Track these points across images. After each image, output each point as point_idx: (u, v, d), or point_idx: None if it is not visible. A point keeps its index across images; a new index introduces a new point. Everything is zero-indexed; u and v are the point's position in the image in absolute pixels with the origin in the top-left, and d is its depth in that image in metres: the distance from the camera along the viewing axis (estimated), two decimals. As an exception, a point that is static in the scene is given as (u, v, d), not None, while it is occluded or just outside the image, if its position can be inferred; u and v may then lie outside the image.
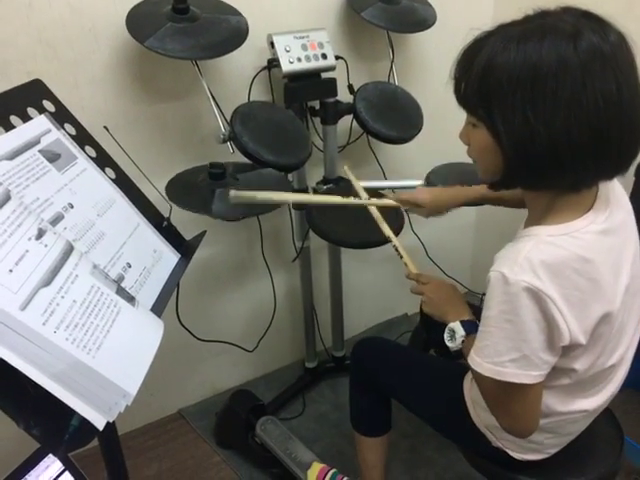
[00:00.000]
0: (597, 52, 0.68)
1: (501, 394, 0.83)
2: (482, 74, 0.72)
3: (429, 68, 1.78)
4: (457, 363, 1.07)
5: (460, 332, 0.90)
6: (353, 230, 1.33)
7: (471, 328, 0.90)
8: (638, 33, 0.73)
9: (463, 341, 0.90)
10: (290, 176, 1.50)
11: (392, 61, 1.62)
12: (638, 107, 0.72)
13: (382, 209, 1.21)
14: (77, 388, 0.63)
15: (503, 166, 0.76)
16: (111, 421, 0.66)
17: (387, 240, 1.16)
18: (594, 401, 0.92)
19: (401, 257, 1.12)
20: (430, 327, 1.25)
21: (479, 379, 0.85)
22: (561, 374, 0.85)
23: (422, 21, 1.55)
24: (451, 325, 0.93)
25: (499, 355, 0.78)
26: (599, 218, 0.79)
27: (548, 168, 0.73)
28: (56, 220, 0.79)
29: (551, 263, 0.74)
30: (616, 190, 0.86)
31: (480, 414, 1.01)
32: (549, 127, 0.69)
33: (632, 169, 1.30)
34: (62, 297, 0.67)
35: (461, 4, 1.74)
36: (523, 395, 0.81)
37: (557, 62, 0.68)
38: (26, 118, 0.84)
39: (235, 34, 1.27)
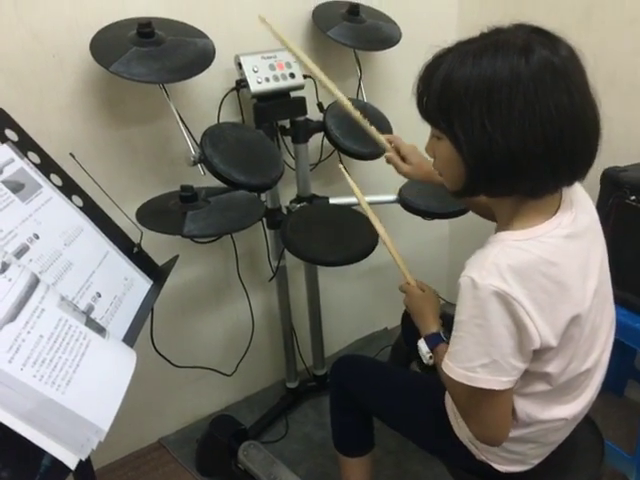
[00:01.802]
0: (548, 64, 0.71)
1: (471, 400, 0.84)
2: (441, 88, 0.75)
3: (396, 84, 1.80)
4: (438, 376, 1.07)
5: (424, 349, 0.95)
6: (328, 248, 1.33)
7: (435, 340, 0.94)
8: (595, 44, 0.76)
9: (431, 356, 0.93)
10: (263, 196, 1.50)
11: (360, 78, 1.64)
12: (591, 117, 0.75)
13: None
14: (47, 427, 0.61)
15: (465, 175, 0.79)
16: (84, 459, 0.63)
17: (384, 244, 1.14)
18: (573, 407, 0.92)
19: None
20: (409, 338, 1.25)
21: (450, 385, 0.86)
22: (536, 380, 0.85)
23: (388, 39, 1.58)
24: (418, 343, 0.97)
25: (470, 360, 0.79)
26: (564, 222, 0.81)
27: (506, 175, 0.76)
28: (21, 252, 0.77)
29: (518, 267, 0.75)
30: (579, 195, 0.88)
31: (462, 426, 1.00)
32: (506, 136, 0.72)
33: (598, 177, 1.35)
34: (28, 332, 0.65)
35: (425, 22, 1.77)
36: (492, 401, 0.82)
37: (510, 74, 0.71)
38: (-13, 148, 0.83)
39: (201, 56, 1.27)
